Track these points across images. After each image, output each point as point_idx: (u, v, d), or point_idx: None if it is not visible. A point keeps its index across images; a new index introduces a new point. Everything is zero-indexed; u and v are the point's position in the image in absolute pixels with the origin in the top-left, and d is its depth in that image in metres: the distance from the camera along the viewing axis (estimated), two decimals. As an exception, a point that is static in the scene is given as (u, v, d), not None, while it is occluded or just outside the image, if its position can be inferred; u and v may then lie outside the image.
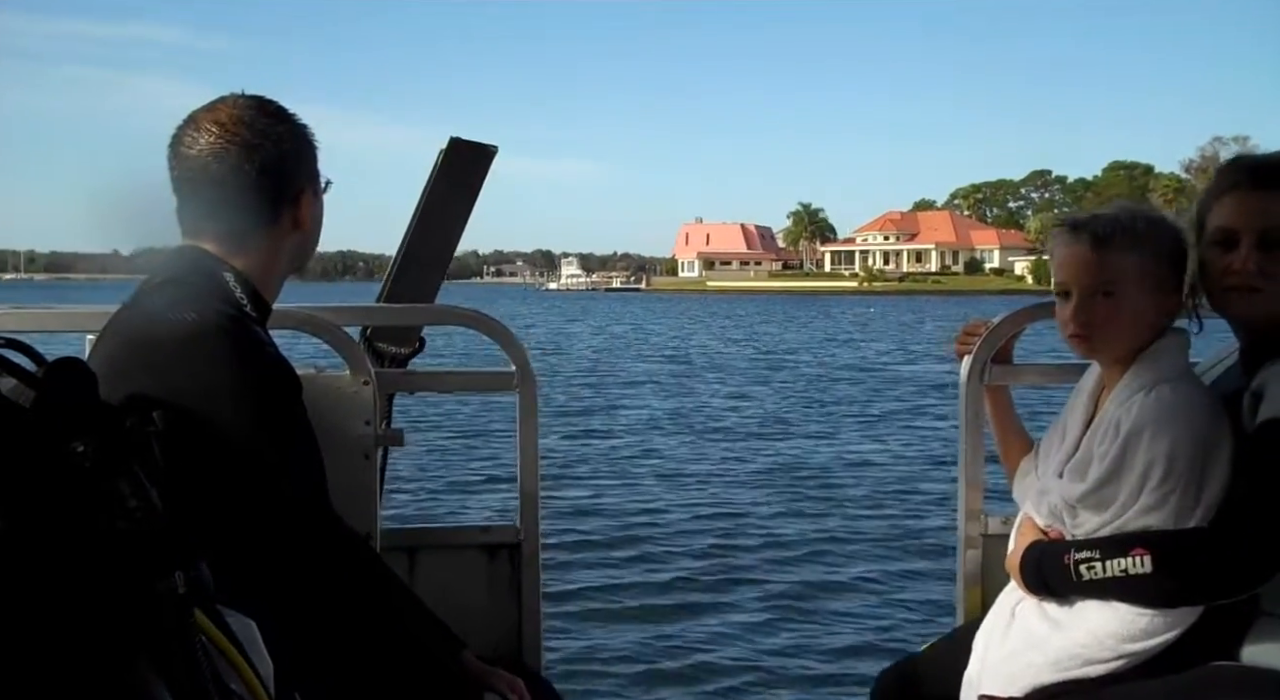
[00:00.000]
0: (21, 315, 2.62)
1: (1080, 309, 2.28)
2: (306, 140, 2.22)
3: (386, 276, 3.38)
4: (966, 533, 2.81)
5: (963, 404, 2.76)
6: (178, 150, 2.13)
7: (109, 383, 1.99)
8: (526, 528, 2.79)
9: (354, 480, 2.52)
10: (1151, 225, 2.28)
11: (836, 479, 14.31)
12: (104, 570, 0.96)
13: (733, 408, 22.66)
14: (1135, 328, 2.28)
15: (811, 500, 12.86)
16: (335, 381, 2.58)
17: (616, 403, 23.31)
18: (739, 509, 12.38)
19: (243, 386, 1.97)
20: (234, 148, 2.12)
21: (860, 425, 19.95)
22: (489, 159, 3.34)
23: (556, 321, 66.22)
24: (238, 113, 2.15)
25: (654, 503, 12.68)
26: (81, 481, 0.97)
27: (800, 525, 11.50)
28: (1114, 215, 2.29)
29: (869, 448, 17.07)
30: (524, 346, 2.78)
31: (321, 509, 2.10)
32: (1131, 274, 2.25)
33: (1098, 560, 2.16)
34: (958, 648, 2.47)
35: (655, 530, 11.21)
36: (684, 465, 15.46)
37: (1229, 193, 2.28)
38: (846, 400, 24.06)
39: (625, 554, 10.15)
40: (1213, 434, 2.18)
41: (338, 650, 1.99)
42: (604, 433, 18.57)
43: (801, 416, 21.28)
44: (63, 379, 1.06)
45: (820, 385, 27.54)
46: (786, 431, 19.11)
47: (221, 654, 1.11)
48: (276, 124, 2.17)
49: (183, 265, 2.12)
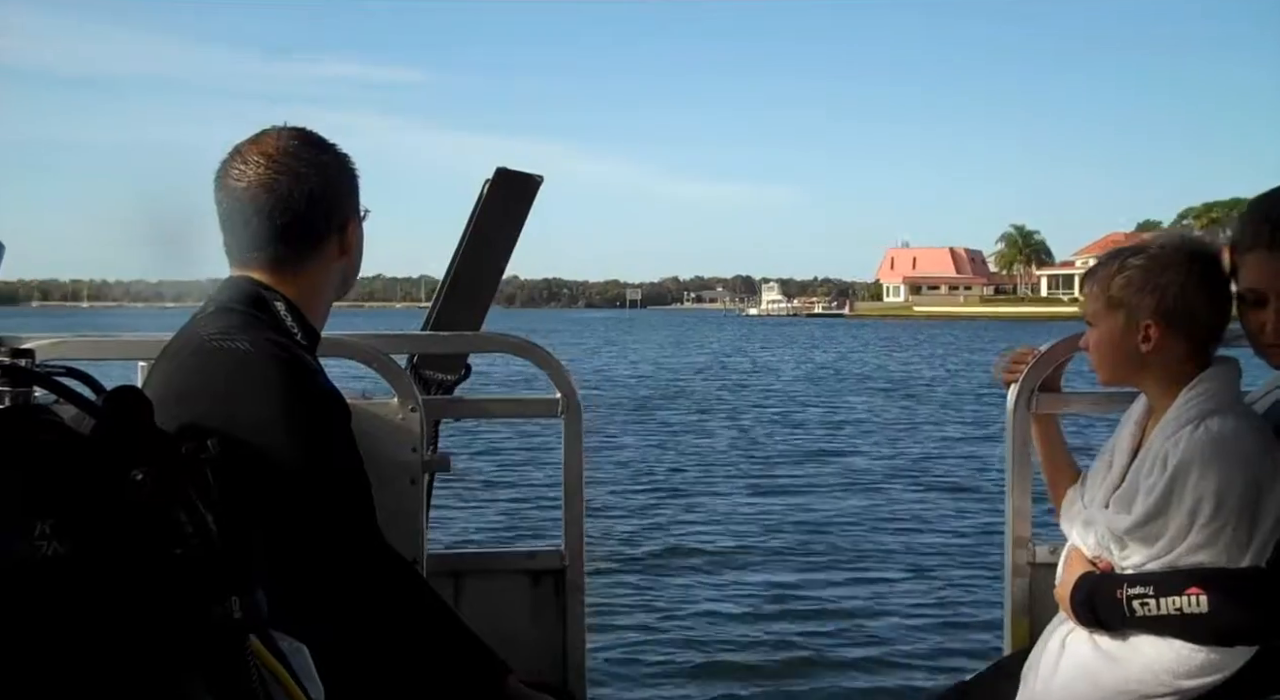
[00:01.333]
0: (76, 343, 2.67)
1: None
2: (349, 170, 2.27)
3: (432, 304, 3.41)
4: (1014, 561, 2.79)
5: (1010, 432, 2.74)
6: (225, 183, 2.17)
7: (164, 410, 2.03)
8: (571, 553, 2.80)
9: (400, 506, 2.54)
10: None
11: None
12: (162, 595, 0.98)
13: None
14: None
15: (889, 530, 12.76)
16: (382, 408, 2.61)
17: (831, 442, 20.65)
18: (794, 528, 12.34)
19: (295, 414, 2.00)
20: (282, 178, 2.16)
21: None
22: (535, 188, 3.37)
23: (751, 347, 63.62)
24: (283, 144, 2.19)
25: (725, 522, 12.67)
26: (140, 508, 0.99)
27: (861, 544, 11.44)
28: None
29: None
30: (569, 373, 2.80)
31: (371, 535, 2.12)
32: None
33: (1151, 597, 2.13)
34: (1005, 677, 2.45)
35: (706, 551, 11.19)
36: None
37: (1253, 251, 2.22)
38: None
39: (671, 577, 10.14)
40: (1265, 468, 2.15)
41: (387, 675, 2.01)
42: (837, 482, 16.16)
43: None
44: (121, 407, 1.08)
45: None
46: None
47: (275, 678, 1.13)
48: (321, 154, 2.22)
49: (234, 295, 2.15)
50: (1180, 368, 2.28)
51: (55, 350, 2.55)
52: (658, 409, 26.05)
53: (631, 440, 19.76)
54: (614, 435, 19.72)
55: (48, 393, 1.11)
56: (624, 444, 18.94)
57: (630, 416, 23.42)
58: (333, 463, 2.03)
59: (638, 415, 24.15)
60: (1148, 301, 2.26)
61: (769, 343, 70.29)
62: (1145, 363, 2.30)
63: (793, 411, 26.52)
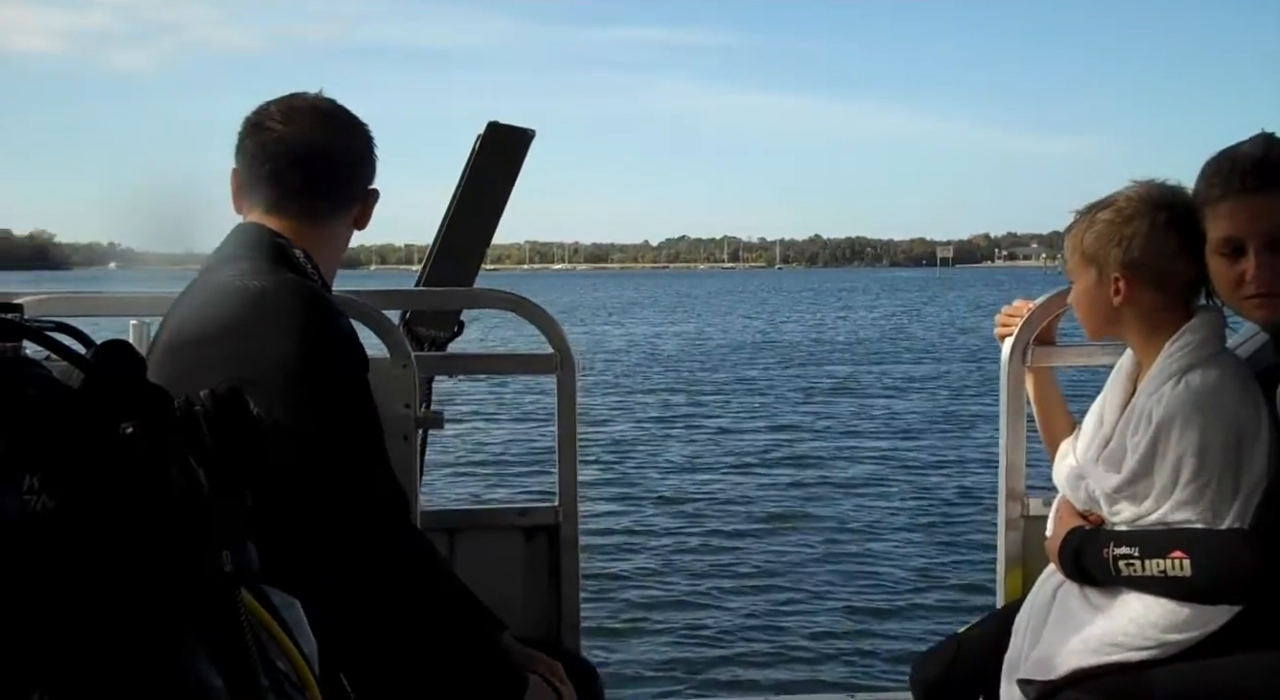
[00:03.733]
0: (65, 300, 2.65)
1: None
2: (374, 146, 2.29)
3: (425, 261, 3.39)
4: (1007, 514, 2.80)
5: (1004, 386, 2.74)
6: (268, 128, 2.16)
7: (184, 353, 2.02)
8: (565, 510, 2.80)
9: (394, 462, 2.53)
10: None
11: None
12: (151, 550, 0.98)
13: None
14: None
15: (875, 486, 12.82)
16: (375, 364, 2.60)
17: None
18: (781, 491, 12.40)
19: (319, 350, 2.00)
20: (334, 134, 2.19)
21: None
22: (527, 142, 3.35)
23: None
24: (329, 106, 2.22)
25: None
26: (130, 462, 0.98)
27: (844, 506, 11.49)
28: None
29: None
30: (563, 328, 2.79)
31: (390, 479, 2.12)
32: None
33: (1136, 559, 2.15)
34: (998, 630, 2.46)
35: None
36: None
37: (1224, 199, 2.19)
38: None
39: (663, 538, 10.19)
40: (1246, 419, 2.15)
41: (383, 629, 2.01)
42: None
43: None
44: (111, 361, 1.07)
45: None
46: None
47: (267, 632, 1.13)
48: (361, 124, 2.26)
49: (249, 243, 2.14)
50: (1158, 319, 2.28)
51: (45, 307, 2.53)
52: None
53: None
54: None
55: (39, 349, 1.10)
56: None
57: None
58: (354, 402, 2.03)
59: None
60: (1115, 254, 2.27)
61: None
62: (1121, 316, 2.32)
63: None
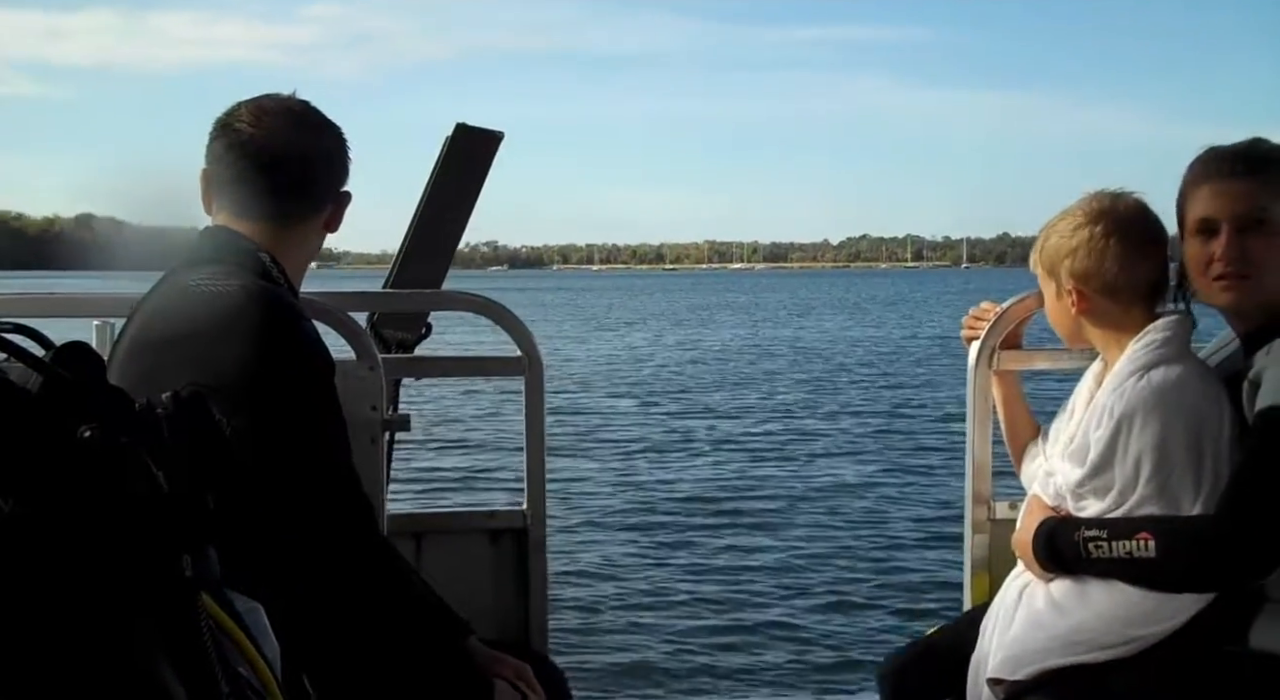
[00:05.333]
0: (25, 301, 2.62)
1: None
2: (348, 150, 2.26)
3: (393, 263, 3.38)
4: (974, 517, 2.81)
5: (970, 390, 2.75)
6: (236, 130, 2.13)
7: (142, 357, 2.00)
8: (533, 512, 2.79)
9: (360, 465, 2.52)
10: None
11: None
12: (111, 554, 0.96)
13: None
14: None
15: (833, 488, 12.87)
16: (342, 366, 2.58)
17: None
18: (753, 492, 12.41)
19: (283, 355, 1.99)
20: (305, 136, 2.15)
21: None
22: (495, 144, 3.34)
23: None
24: (301, 107, 2.19)
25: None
26: (89, 465, 0.97)
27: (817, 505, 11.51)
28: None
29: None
30: (529, 331, 2.78)
31: (354, 484, 2.11)
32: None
33: (1105, 540, 2.16)
34: (965, 631, 2.47)
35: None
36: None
37: (1205, 183, 2.24)
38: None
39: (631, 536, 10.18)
40: (1208, 416, 2.18)
41: (347, 632, 2.00)
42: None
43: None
44: (70, 363, 1.06)
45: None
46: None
47: (228, 636, 1.11)
48: (333, 127, 2.23)
49: (215, 246, 2.13)
50: (1120, 324, 2.32)
51: (5, 308, 2.50)
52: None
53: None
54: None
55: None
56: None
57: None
58: (316, 408, 2.02)
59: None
60: (1066, 265, 2.33)
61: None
62: (1081, 324, 2.37)
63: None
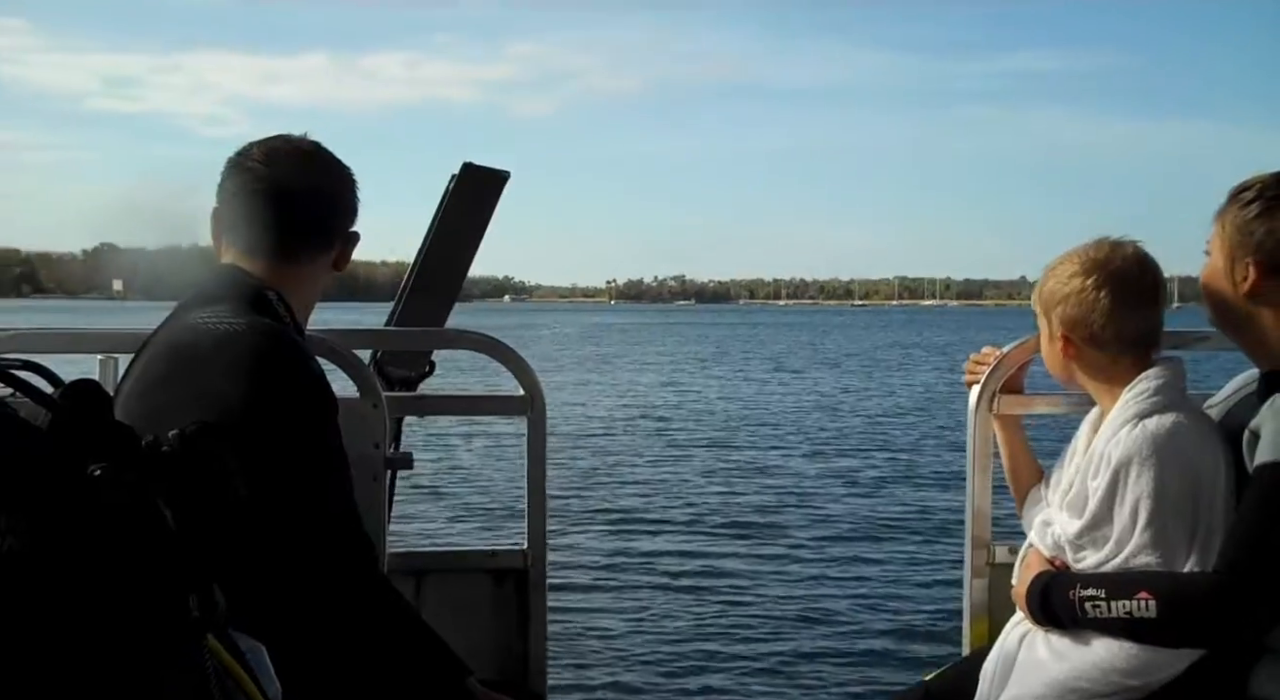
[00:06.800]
0: (31, 336, 2.63)
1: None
2: (357, 191, 2.28)
3: (396, 300, 3.39)
4: (974, 562, 2.80)
5: (971, 434, 2.76)
6: (249, 169, 2.16)
7: (149, 395, 2.01)
8: (534, 553, 2.78)
9: (362, 503, 2.52)
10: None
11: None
12: (118, 593, 0.97)
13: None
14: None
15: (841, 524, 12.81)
16: (345, 404, 2.59)
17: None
18: (750, 532, 12.37)
19: (291, 394, 1.99)
20: (314, 176, 2.18)
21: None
22: (501, 184, 3.36)
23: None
24: (311, 148, 2.21)
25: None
26: (98, 504, 0.97)
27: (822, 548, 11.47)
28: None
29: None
30: (534, 371, 2.79)
31: (356, 524, 2.11)
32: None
33: (1103, 600, 2.15)
34: (963, 677, 2.46)
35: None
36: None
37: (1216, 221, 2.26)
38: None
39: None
40: (1203, 464, 2.17)
41: (347, 672, 1.99)
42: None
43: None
44: (78, 400, 1.07)
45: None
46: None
47: (231, 677, 1.11)
48: (343, 168, 2.25)
49: (223, 284, 2.14)
50: (1109, 372, 2.31)
51: (13, 344, 2.51)
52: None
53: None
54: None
55: (3, 387, 1.10)
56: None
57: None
58: (320, 447, 2.02)
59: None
60: (1058, 311, 2.32)
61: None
62: (1072, 370, 2.36)
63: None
